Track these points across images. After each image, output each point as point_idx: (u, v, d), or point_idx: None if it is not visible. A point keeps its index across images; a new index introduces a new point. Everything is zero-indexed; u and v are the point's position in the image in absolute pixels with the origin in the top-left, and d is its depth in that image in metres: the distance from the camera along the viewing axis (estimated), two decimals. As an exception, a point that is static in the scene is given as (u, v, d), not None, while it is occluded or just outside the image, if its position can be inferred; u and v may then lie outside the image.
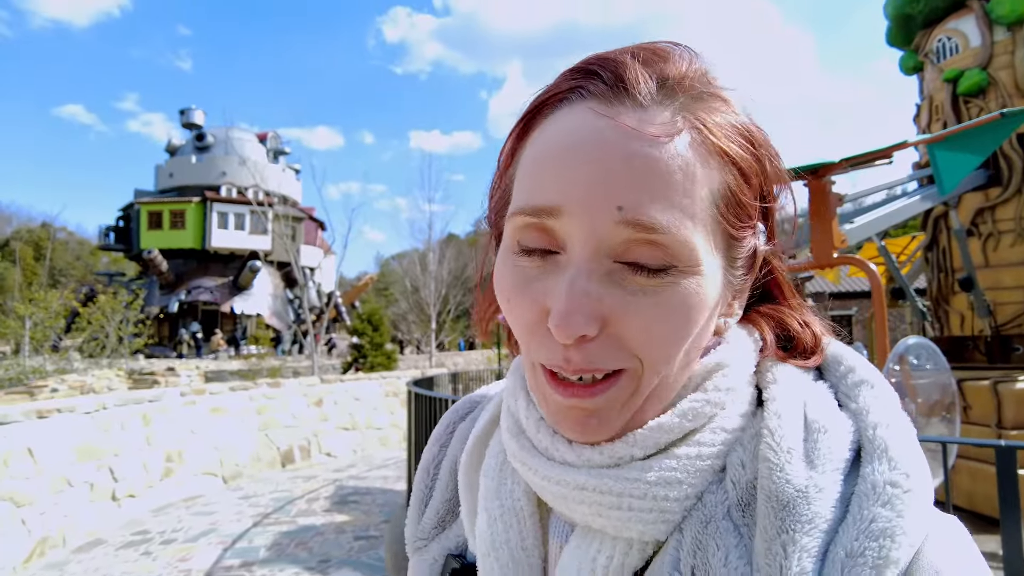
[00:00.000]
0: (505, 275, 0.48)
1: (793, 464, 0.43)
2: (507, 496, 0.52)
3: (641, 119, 0.44)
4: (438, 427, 0.68)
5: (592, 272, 0.44)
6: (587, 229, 0.43)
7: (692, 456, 0.46)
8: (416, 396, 5.49)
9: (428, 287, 28.15)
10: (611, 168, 0.43)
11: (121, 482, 7.10)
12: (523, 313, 0.47)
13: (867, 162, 5.09)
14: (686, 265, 0.44)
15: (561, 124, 0.46)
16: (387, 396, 12.34)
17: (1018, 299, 7.37)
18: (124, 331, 14.73)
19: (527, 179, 0.47)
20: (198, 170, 38.67)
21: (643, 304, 0.44)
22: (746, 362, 0.51)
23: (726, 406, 0.48)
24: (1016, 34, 7.58)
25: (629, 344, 0.44)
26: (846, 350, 0.52)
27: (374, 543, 6.18)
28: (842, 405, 0.48)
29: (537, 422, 0.50)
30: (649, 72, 0.45)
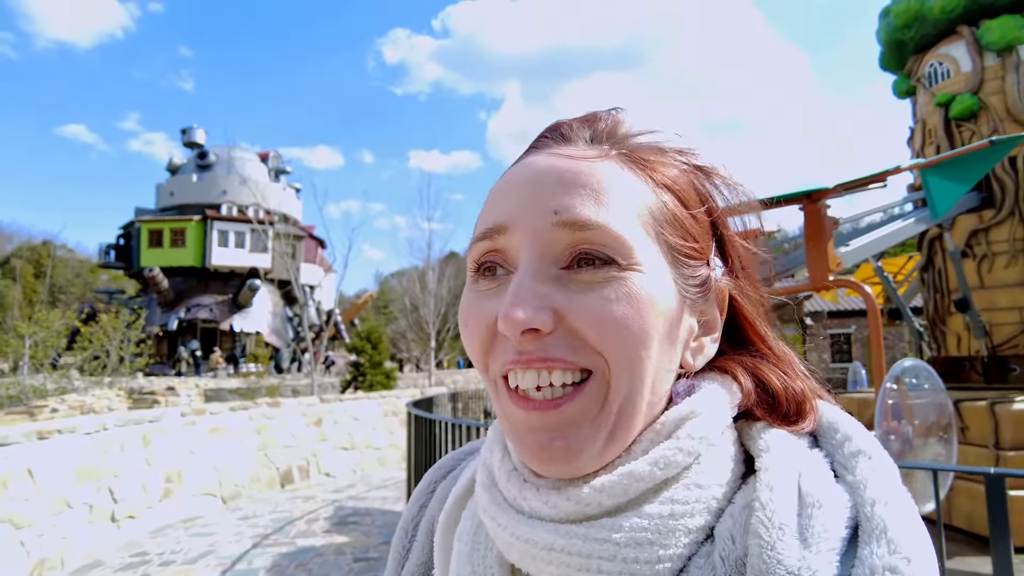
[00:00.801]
0: (464, 302, 0.51)
1: (785, 542, 0.40)
2: (479, 562, 0.50)
3: (574, 150, 0.50)
4: (420, 485, 0.67)
5: (538, 274, 0.45)
6: (530, 236, 0.46)
7: (664, 515, 0.43)
8: (416, 418, 5.52)
9: (428, 305, 28.18)
10: (546, 184, 0.48)
11: (120, 503, 7.09)
12: (476, 330, 0.48)
13: (861, 187, 5.17)
14: (625, 260, 0.45)
15: (511, 171, 0.52)
16: (386, 416, 12.34)
17: (1014, 320, 7.43)
18: (126, 350, 14.74)
19: (481, 217, 0.51)
20: (199, 188, 38.91)
21: (590, 298, 0.45)
22: (720, 412, 0.49)
23: (701, 459, 0.47)
24: (1006, 60, 7.72)
25: (586, 337, 0.44)
26: (842, 416, 0.50)
27: (374, 565, 6.17)
28: (838, 476, 0.46)
29: (509, 472, 0.50)
30: (582, 126, 0.52)
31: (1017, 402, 6.31)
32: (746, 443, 0.50)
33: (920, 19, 8.22)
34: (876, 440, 0.48)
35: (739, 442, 0.50)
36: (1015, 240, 7.47)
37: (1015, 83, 7.63)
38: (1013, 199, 7.47)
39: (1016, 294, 7.44)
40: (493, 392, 0.48)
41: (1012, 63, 7.69)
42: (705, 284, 0.51)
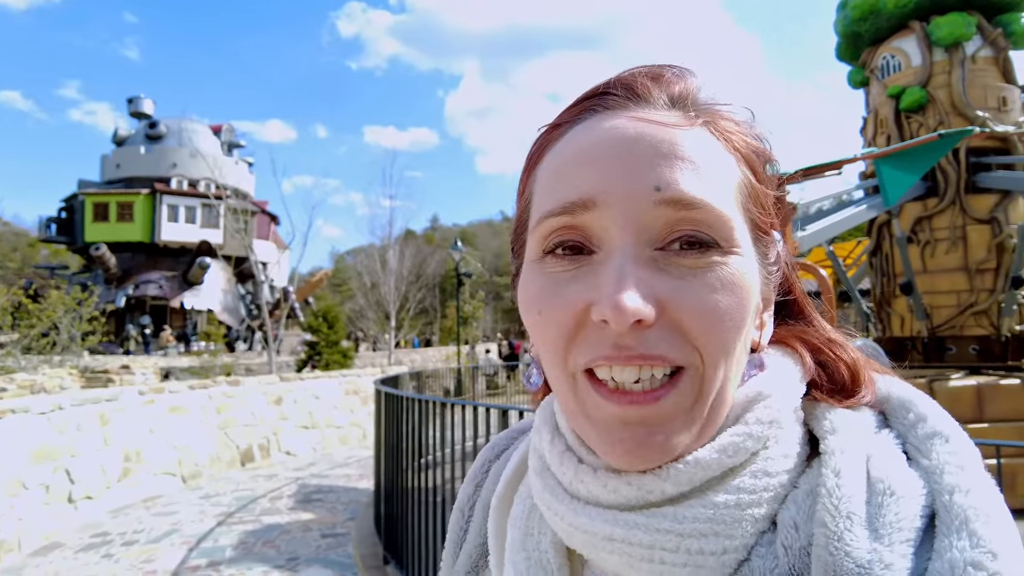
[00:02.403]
0: (532, 286, 0.45)
1: (854, 532, 0.38)
2: (533, 548, 0.48)
3: (660, 115, 0.45)
4: (474, 464, 0.64)
5: (637, 258, 0.41)
6: (626, 215, 0.42)
7: (731, 505, 0.41)
8: (385, 395, 5.57)
9: (387, 284, 27.96)
10: (642, 154, 0.43)
11: (78, 484, 6.95)
12: (559, 319, 0.43)
13: (819, 173, 5.41)
14: (727, 243, 0.42)
15: (580, 134, 0.46)
16: (347, 394, 12.31)
17: (952, 303, 7.88)
18: (78, 327, 14.23)
19: (551, 185, 0.46)
20: (147, 161, 37.48)
21: (695, 286, 0.41)
22: (790, 392, 0.46)
23: (768, 444, 0.44)
24: (953, 56, 8.09)
25: (688, 330, 0.41)
26: (915, 394, 0.47)
27: (341, 540, 6.24)
28: (911, 459, 0.42)
29: (561, 454, 0.47)
30: (656, 85, 0.47)
31: (953, 379, 6.74)
32: (810, 423, 0.47)
33: (875, 13, 8.53)
34: (954, 421, 0.44)
35: (802, 421, 0.47)
36: (955, 227, 7.91)
37: (960, 78, 8.02)
38: (955, 189, 7.89)
39: (955, 278, 7.89)
40: (567, 386, 0.44)
41: (958, 59, 8.07)
42: (777, 261, 0.49)
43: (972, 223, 7.85)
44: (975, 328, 7.74)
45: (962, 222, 7.89)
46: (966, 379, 6.78)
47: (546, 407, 0.53)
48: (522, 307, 0.47)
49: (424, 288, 34.87)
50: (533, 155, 0.50)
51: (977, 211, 7.84)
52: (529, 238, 0.47)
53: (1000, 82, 8.21)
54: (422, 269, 33.71)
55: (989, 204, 7.85)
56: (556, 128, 0.48)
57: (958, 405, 6.50)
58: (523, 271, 0.48)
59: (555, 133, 0.48)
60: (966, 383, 6.66)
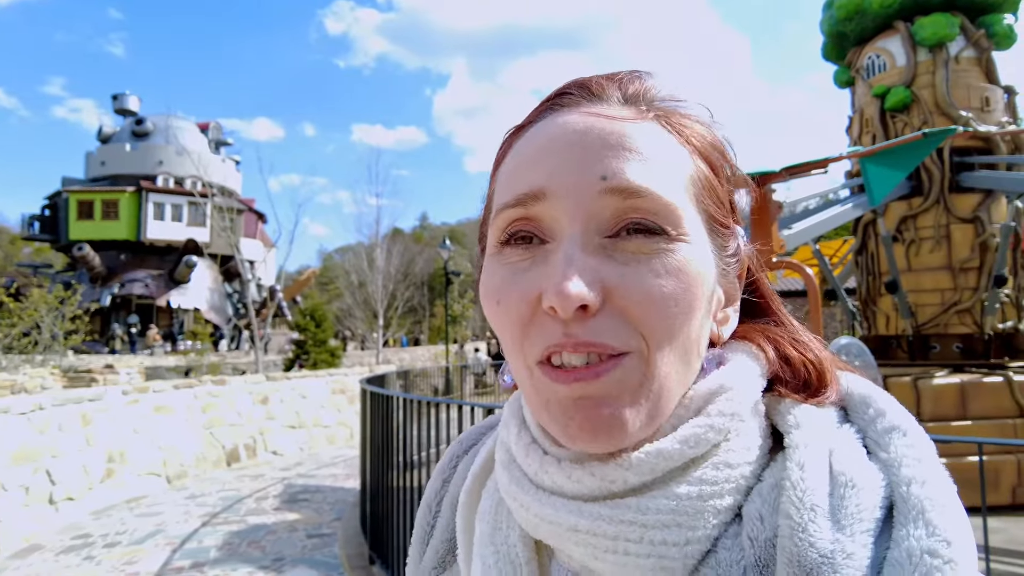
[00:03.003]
0: (491, 276, 0.46)
1: (817, 524, 0.39)
2: (502, 542, 0.48)
3: (611, 110, 0.47)
4: (442, 460, 0.64)
5: (585, 245, 0.42)
6: (574, 204, 0.43)
7: (693, 496, 0.42)
8: (371, 395, 5.53)
9: (375, 283, 27.85)
10: (589, 145, 0.44)
11: (59, 485, 6.87)
12: (514, 308, 0.44)
13: (805, 172, 5.42)
14: (675, 230, 0.43)
15: (537, 131, 0.47)
16: (334, 394, 12.25)
17: (936, 301, 7.95)
18: (60, 327, 14.03)
19: (507, 180, 0.47)
20: (133, 159, 37.08)
21: (640, 271, 0.42)
22: (751, 385, 0.47)
23: (729, 436, 0.45)
24: (936, 56, 8.15)
25: (633, 316, 0.42)
26: (874, 390, 0.48)
27: (327, 541, 6.20)
28: (871, 453, 0.43)
29: (527, 446, 0.47)
30: (611, 84, 0.49)
31: (937, 377, 6.80)
32: (773, 418, 0.48)
33: (861, 13, 8.58)
34: (911, 416, 0.45)
35: (766, 416, 0.48)
36: (939, 226, 7.97)
37: (944, 78, 8.08)
38: (939, 188, 7.95)
39: (939, 277, 7.95)
40: (527, 376, 0.44)
41: (942, 59, 8.12)
42: (736, 255, 0.51)
43: (956, 222, 7.91)
44: (959, 326, 7.81)
45: (946, 221, 7.95)
46: (950, 377, 6.83)
47: (514, 402, 0.54)
48: (483, 298, 0.47)
49: (412, 287, 34.77)
50: (498, 157, 0.52)
51: (961, 210, 7.90)
52: (489, 231, 0.49)
53: (983, 82, 8.28)
54: (410, 268, 33.61)
55: (972, 203, 7.91)
56: (520, 129, 0.50)
57: (942, 403, 6.55)
58: (484, 263, 0.49)
59: (519, 134, 0.50)
60: (950, 381, 6.71)
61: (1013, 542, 5.24)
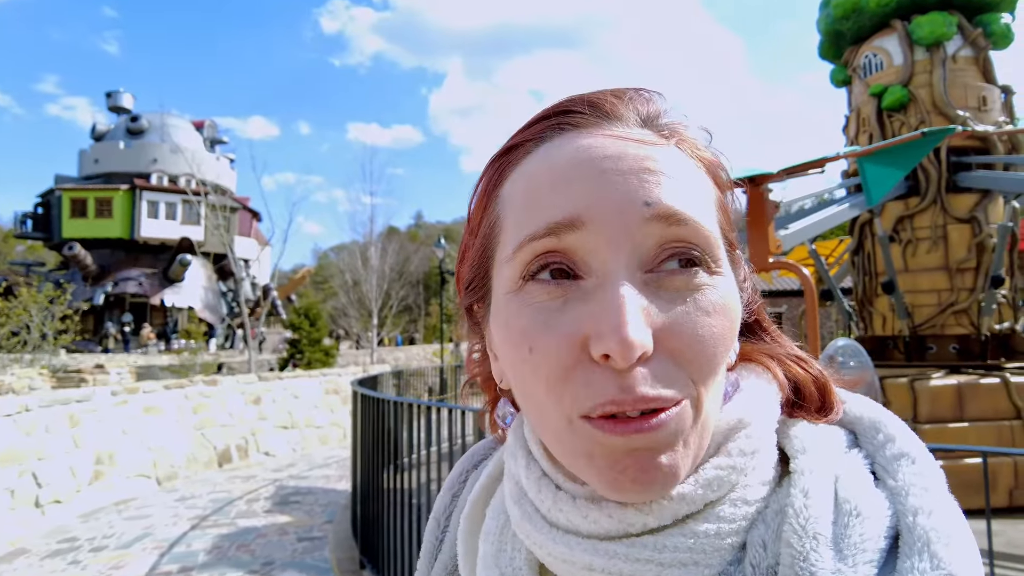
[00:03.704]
0: (519, 319, 0.41)
1: (819, 553, 0.37)
2: (507, 564, 0.47)
3: (635, 132, 0.44)
4: (452, 474, 0.62)
5: (631, 281, 0.39)
6: (617, 233, 0.40)
7: (711, 534, 0.40)
8: (362, 397, 5.45)
9: (370, 281, 27.74)
10: (628, 170, 0.41)
11: (45, 488, 6.77)
12: (554, 355, 0.39)
13: (802, 172, 5.35)
14: (713, 262, 0.42)
15: (553, 152, 0.43)
16: (327, 394, 12.16)
17: (933, 302, 7.89)
18: (49, 326, 13.88)
19: (527, 208, 0.43)
20: (127, 156, 36.89)
21: (688, 309, 0.40)
22: (769, 418, 0.45)
23: (748, 473, 0.43)
24: (934, 55, 8.09)
25: (684, 359, 0.39)
26: (885, 415, 0.46)
27: (318, 544, 6.12)
28: (878, 479, 0.42)
29: (538, 480, 0.45)
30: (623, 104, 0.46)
31: (933, 379, 6.74)
32: (780, 440, 0.46)
33: (857, 11, 8.51)
34: (921, 442, 0.44)
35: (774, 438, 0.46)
36: (936, 227, 7.91)
37: (941, 77, 8.02)
38: (936, 188, 7.89)
39: (936, 278, 7.90)
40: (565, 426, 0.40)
41: (939, 58, 8.07)
42: (746, 280, 0.49)
43: (953, 222, 7.85)
44: (955, 327, 7.75)
45: (943, 221, 7.89)
46: (946, 378, 6.78)
47: (517, 428, 0.51)
48: (507, 345, 0.43)
49: (407, 285, 34.66)
50: (491, 182, 0.47)
51: (958, 210, 7.84)
52: (504, 268, 0.44)
53: (980, 82, 8.22)
54: (405, 267, 33.51)
55: (969, 203, 7.86)
56: (513, 150, 0.46)
57: (939, 404, 6.50)
58: (499, 306, 0.44)
59: (514, 155, 0.46)
60: (946, 382, 6.65)
61: (1011, 545, 5.20)
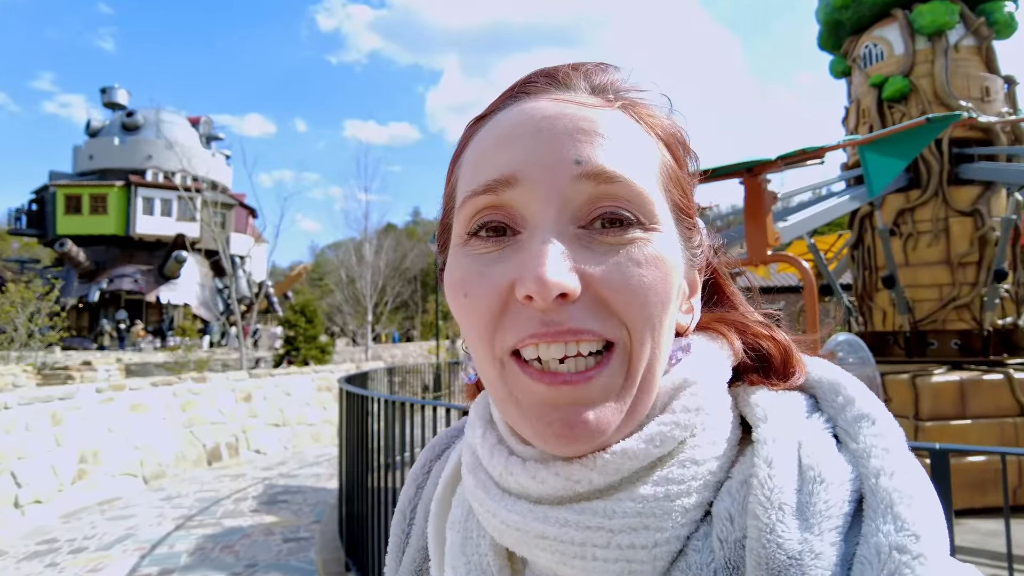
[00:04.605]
0: (458, 269, 0.44)
1: (785, 524, 0.37)
2: (473, 551, 0.47)
3: (580, 97, 0.46)
4: (415, 466, 0.63)
5: (561, 234, 0.41)
6: (548, 188, 0.42)
7: (660, 497, 0.40)
8: (348, 394, 5.29)
9: (364, 278, 27.59)
10: (562, 130, 0.43)
11: (25, 487, 6.60)
12: (484, 300, 0.42)
13: (801, 161, 5.19)
14: (648, 220, 0.42)
15: (502, 118, 0.46)
16: (320, 391, 12.00)
17: (934, 296, 7.74)
18: (37, 323, 13.68)
19: (474, 169, 0.45)
20: (122, 153, 36.64)
21: (619, 260, 0.41)
22: (717, 378, 0.46)
23: (695, 431, 0.43)
24: (935, 44, 7.92)
25: (614, 304, 0.40)
26: (845, 376, 0.46)
27: (304, 545, 5.96)
28: (841, 443, 0.42)
29: (492, 447, 0.46)
30: (577, 74, 0.48)
31: (935, 375, 6.59)
32: (741, 409, 0.46)
33: (857, 0, 8.34)
34: (880, 402, 0.44)
35: (734, 407, 0.46)
36: (937, 220, 7.76)
37: (943, 67, 7.86)
38: (938, 180, 7.74)
39: (937, 272, 7.75)
40: (496, 370, 0.42)
41: (941, 48, 7.90)
42: (700, 245, 0.50)
43: (955, 215, 7.70)
44: (957, 322, 7.60)
45: (945, 214, 7.73)
46: (948, 374, 6.62)
47: (480, 401, 0.53)
48: (448, 292, 0.45)
49: (403, 282, 34.48)
50: (458, 148, 0.50)
51: (960, 203, 7.69)
52: (454, 222, 0.47)
53: (983, 72, 8.06)
54: (402, 263, 33.33)
55: (972, 196, 7.70)
56: (481, 119, 0.49)
57: (940, 401, 6.35)
58: (449, 257, 0.47)
59: (479, 124, 0.48)
60: (948, 378, 6.50)
61: (1018, 546, 5.04)
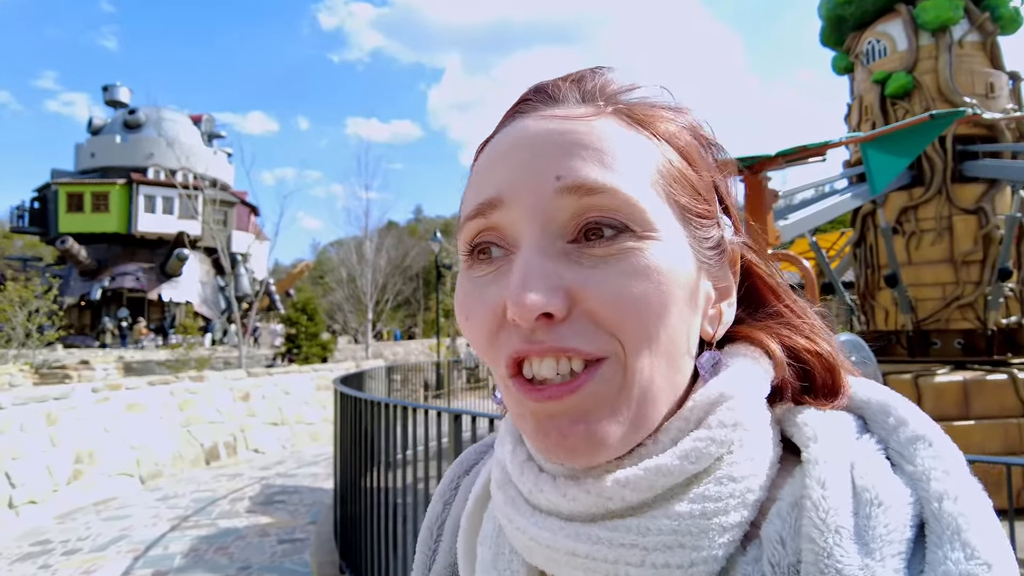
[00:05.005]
0: (460, 291, 0.46)
1: (843, 548, 0.36)
2: (504, 567, 0.46)
3: (566, 110, 0.45)
4: (443, 481, 0.62)
5: (544, 250, 0.41)
6: (530, 207, 0.41)
7: (696, 515, 0.39)
8: (342, 396, 5.23)
9: (365, 276, 27.55)
10: (541, 147, 0.43)
11: (20, 488, 6.56)
12: (483, 322, 0.42)
13: (802, 158, 5.11)
14: (640, 228, 0.41)
15: (497, 140, 0.47)
16: (319, 390, 11.95)
17: (937, 296, 7.66)
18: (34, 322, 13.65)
19: (470, 193, 0.46)
20: (124, 151, 36.63)
21: (607, 273, 0.40)
22: (755, 392, 0.44)
23: (733, 448, 0.42)
24: (939, 40, 7.83)
25: (604, 320, 0.39)
26: (893, 396, 0.44)
27: (299, 546, 5.91)
28: (895, 466, 0.40)
29: (522, 463, 0.46)
30: (569, 85, 0.47)
31: (938, 375, 6.51)
32: (786, 428, 0.45)
33: (861, -5, 8.25)
34: (934, 423, 0.42)
35: (774, 422, 0.45)
36: (941, 218, 7.67)
37: (947, 63, 7.76)
38: (941, 177, 7.65)
39: (940, 271, 7.66)
40: (504, 391, 0.43)
41: (945, 43, 7.81)
42: (719, 246, 0.48)
43: (958, 213, 7.61)
44: (961, 322, 7.52)
45: (948, 212, 7.65)
46: (952, 374, 6.55)
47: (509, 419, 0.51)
48: (456, 313, 0.47)
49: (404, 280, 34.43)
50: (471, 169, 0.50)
51: (963, 201, 7.60)
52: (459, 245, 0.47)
53: (987, 68, 7.96)
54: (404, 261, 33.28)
55: (976, 194, 7.61)
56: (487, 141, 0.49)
57: (943, 401, 6.27)
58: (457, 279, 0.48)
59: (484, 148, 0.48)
60: (952, 379, 6.42)
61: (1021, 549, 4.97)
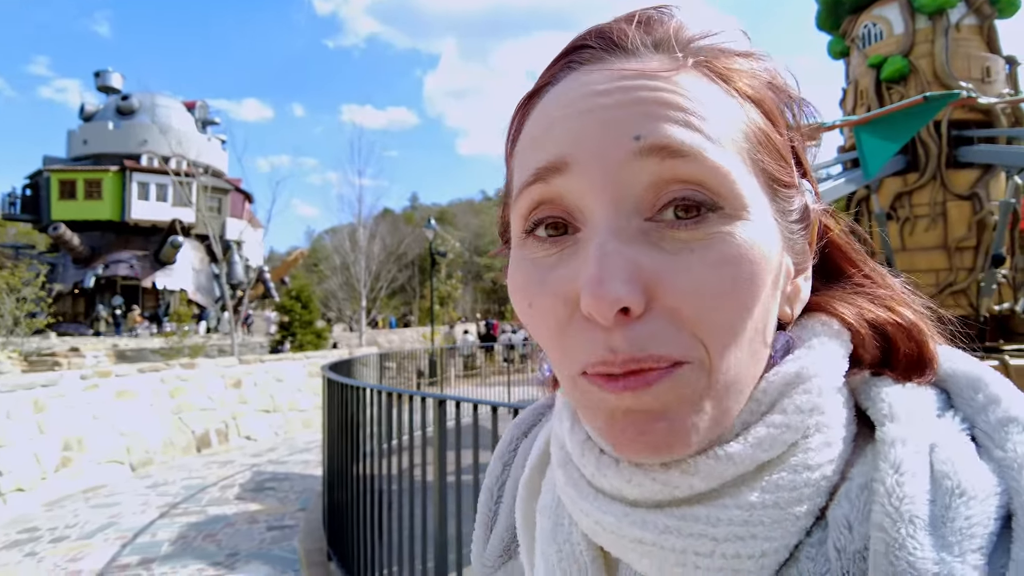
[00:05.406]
0: (518, 274, 0.40)
1: (917, 540, 0.33)
2: (564, 540, 0.44)
3: (640, 62, 0.39)
4: (501, 443, 0.60)
5: (621, 231, 0.36)
6: (603, 175, 0.37)
7: (768, 505, 0.36)
8: (330, 382, 5.19)
9: (359, 263, 27.47)
10: (617, 103, 0.37)
11: (7, 475, 6.52)
12: (550, 313, 0.38)
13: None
14: (730, 204, 0.36)
15: (554, 96, 0.40)
16: (311, 377, 11.91)
17: (930, 282, 7.64)
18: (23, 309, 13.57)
19: (524, 156, 0.41)
20: (116, 137, 36.35)
21: (692, 262, 0.35)
22: (832, 371, 0.40)
23: (809, 433, 0.38)
24: (936, 23, 7.75)
25: (686, 319, 0.35)
26: (985, 370, 0.40)
27: (288, 533, 5.89)
28: (981, 448, 0.37)
29: (582, 443, 0.42)
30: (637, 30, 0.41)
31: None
32: (861, 402, 0.41)
33: (857, -23, 8.16)
34: None
35: (850, 399, 0.41)
36: (935, 204, 7.63)
37: (943, 47, 7.69)
38: (936, 163, 7.60)
39: (933, 257, 7.64)
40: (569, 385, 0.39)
41: (942, 27, 7.73)
42: (804, 217, 0.43)
43: (953, 199, 7.57)
44: (954, 308, 7.50)
45: (942, 198, 7.61)
46: (944, 361, 6.54)
47: None
48: (513, 298, 0.42)
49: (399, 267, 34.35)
50: (512, 133, 0.45)
51: (958, 186, 7.56)
52: (512, 217, 0.43)
53: (984, 52, 7.89)
54: (399, 248, 33.19)
55: (970, 179, 7.57)
56: (533, 96, 0.43)
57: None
58: (511, 257, 0.43)
59: (533, 102, 0.43)
60: (944, 365, 6.42)
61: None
